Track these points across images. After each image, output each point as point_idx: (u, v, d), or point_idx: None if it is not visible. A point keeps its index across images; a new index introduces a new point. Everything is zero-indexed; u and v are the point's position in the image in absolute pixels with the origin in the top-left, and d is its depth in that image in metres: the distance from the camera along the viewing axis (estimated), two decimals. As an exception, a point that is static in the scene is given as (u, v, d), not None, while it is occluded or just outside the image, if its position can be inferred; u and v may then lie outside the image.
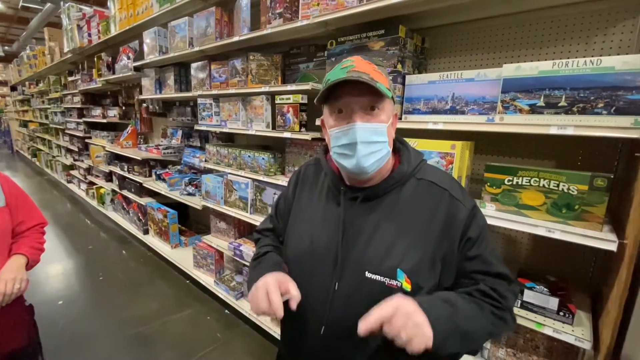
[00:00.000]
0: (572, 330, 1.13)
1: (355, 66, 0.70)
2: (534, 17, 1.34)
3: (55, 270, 3.28)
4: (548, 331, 1.16)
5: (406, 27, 1.45)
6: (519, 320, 1.20)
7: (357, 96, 0.70)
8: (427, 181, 0.78)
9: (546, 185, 1.12)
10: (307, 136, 1.75)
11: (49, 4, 7.63)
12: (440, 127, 1.31)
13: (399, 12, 1.43)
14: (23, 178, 7.69)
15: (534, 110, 1.12)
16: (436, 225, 0.74)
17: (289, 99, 1.82)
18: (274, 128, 2.01)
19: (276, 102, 1.88)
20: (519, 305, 1.24)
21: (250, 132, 2.12)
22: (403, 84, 1.46)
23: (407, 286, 0.70)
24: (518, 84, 1.13)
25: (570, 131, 1.02)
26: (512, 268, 1.45)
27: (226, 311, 2.63)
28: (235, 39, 2.05)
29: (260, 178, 2.15)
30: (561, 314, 1.17)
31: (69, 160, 6.06)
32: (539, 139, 1.37)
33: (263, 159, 2.13)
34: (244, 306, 2.43)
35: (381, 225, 0.75)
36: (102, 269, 3.33)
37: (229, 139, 2.92)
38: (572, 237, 1.07)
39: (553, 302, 1.18)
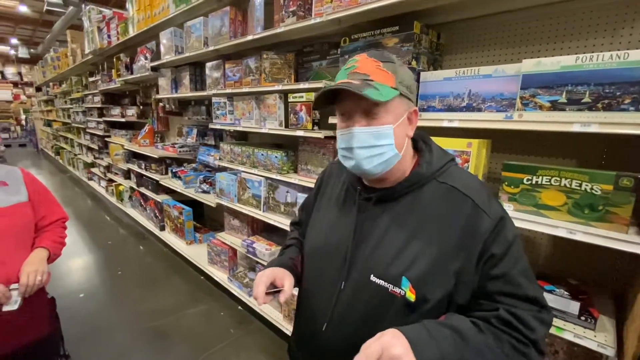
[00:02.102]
0: (595, 336, 1.09)
1: (358, 67, 0.69)
2: (555, 11, 1.29)
3: (76, 264, 3.41)
4: (568, 336, 1.11)
5: (421, 23, 1.42)
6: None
7: (356, 99, 0.68)
8: (449, 186, 0.71)
9: (567, 185, 1.08)
10: (320, 134, 1.74)
11: (71, 7, 7.90)
12: (455, 124, 1.28)
13: (414, 7, 1.40)
14: (47, 175, 8.00)
15: (555, 106, 1.08)
16: (452, 235, 0.67)
17: (301, 97, 1.82)
18: (286, 126, 2.02)
19: (289, 100, 1.88)
20: (537, 309, 1.20)
21: (263, 131, 2.13)
22: (418, 81, 1.43)
23: (411, 296, 0.67)
24: (538, 80, 1.09)
25: (594, 128, 0.98)
26: (531, 270, 1.41)
27: (239, 307, 2.67)
28: (249, 37, 2.06)
29: (273, 176, 2.16)
30: (582, 318, 1.12)
31: (89, 158, 6.26)
32: (559, 137, 1.32)
33: (276, 157, 2.14)
34: (256, 303, 2.45)
35: (392, 229, 0.72)
36: (120, 263, 3.43)
37: (242, 138, 2.95)
38: (595, 239, 1.02)
39: (574, 306, 1.14)
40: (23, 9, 10.27)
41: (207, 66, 2.64)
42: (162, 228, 3.82)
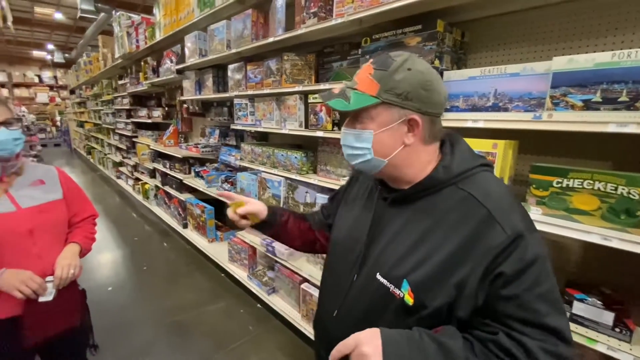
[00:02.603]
0: (630, 349, 1.02)
1: (357, 74, 0.76)
2: (587, 6, 1.22)
3: (105, 259, 3.57)
4: (601, 348, 1.06)
5: (444, 22, 1.39)
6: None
7: None
8: (467, 193, 0.68)
9: (602, 189, 1.02)
10: (340, 135, 1.74)
11: (102, 14, 8.30)
12: (480, 125, 1.24)
13: (437, 5, 1.38)
14: (79, 174, 8.43)
15: (588, 106, 1.02)
16: (458, 245, 0.64)
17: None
18: (306, 127, 2.03)
19: (309, 101, 1.89)
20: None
21: (283, 131, 2.15)
22: (440, 80, 1.40)
23: (409, 299, 0.67)
24: (570, 78, 1.04)
25: (632, 129, 0.92)
26: (559, 278, 1.35)
27: (258, 305, 2.70)
28: (270, 39, 2.09)
29: (293, 176, 2.18)
30: (617, 330, 1.06)
31: (118, 158, 6.54)
32: (592, 138, 1.25)
33: (295, 157, 2.16)
34: (275, 302, 2.48)
35: (403, 231, 0.73)
36: (146, 259, 3.56)
37: (263, 138, 2.99)
38: (632, 247, 0.96)
39: (607, 317, 1.08)
40: (58, 16, 10.87)
41: (229, 68, 2.70)
42: (185, 226, 3.93)
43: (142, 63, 4.46)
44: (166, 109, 4.67)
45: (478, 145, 1.25)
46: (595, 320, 1.10)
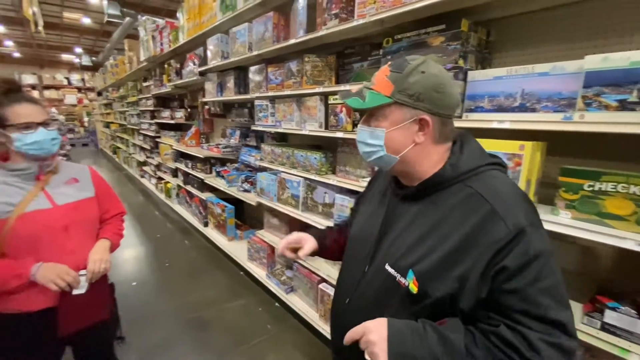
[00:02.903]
0: (668, 362, 0.98)
1: (375, 75, 0.80)
2: (617, 2, 1.17)
3: (130, 255, 3.70)
4: (635, 359, 1.01)
5: (469, 21, 1.37)
6: (598, 344, 1.07)
7: None
8: (473, 191, 0.70)
9: (637, 193, 0.98)
10: (360, 136, 1.74)
11: (127, 18, 8.63)
12: (506, 126, 1.21)
13: (462, 4, 1.36)
14: (106, 172, 8.78)
15: (624, 106, 0.98)
16: (461, 239, 0.67)
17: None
18: (326, 128, 2.04)
19: (329, 102, 1.90)
20: (598, 327, 1.10)
21: (303, 132, 2.17)
22: (465, 80, 1.38)
23: (414, 288, 0.72)
24: (604, 77, 1.00)
25: (671, 130, 0.88)
26: (589, 284, 1.30)
27: (276, 304, 2.74)
28: (292, 41, 2.11)
29: (312, 177, 2.19)
30: (653, 341, 1.01)
31: (142, 157, 6.77)
32: (627, 140, 1.19)
33: (315, 158, 2.17)
34: (293, 301, 2.51)
35: (411, 226, 0.78)
36: (168, 256, 3.67)
37: (282, 139, 3.02)
38: (670, 254, 0.92)
39: (643, 327, 1.03)
40: (86, 20, 11.40)
41: (251, 70, 2.75)
42: (206, 224, 4.02)
43: (166, 66, 4.60)
44: (188, 110, 4.80)
45: (503, 146, 1.22)
46: (629, 330, 1.05)
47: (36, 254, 1.11)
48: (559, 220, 1.12)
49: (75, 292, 1.15)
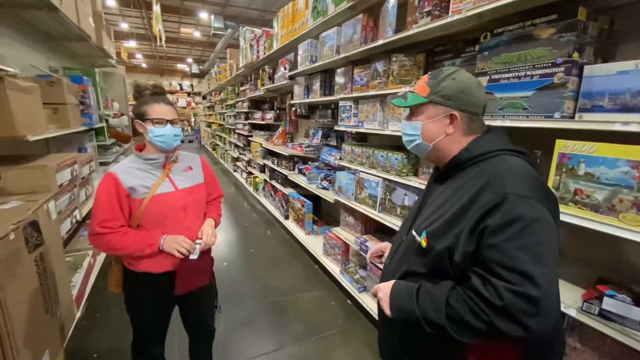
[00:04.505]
0: None
1: (418, 82, 1.02)
2: None
3: (222, 239, 4.20)
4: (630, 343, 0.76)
5: (587, 8, 1.20)
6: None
7: None
8: (479, 169, 0.87)
9: None
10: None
11: (229, 30, 9.77)
12: (633, 128, 1.03)
13: (581, -10, 1.19)
14: (205, 166, 10.06)
15: None
16: (461, 205, 0.84)
17: (429, 98, 1.77)
18: (410, 128, 1.99)
19: (416, 102, 1.86)
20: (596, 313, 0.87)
21: (386, 133, 2.17)
22: (579, 76, 1.21)
23: (424, 243, 0.91)
24: None
25: None
26: None
27: (348, 301, 2.79)
28: (380, 42, 2.13)
29: (392, 178, 2.18)
30: None
31: (236, 154, 7.58)
32: None
33: (396, 159, 2.15)
34: (366, 300, 2.52)
35: (435, 201, 0.97)
36: (253, 243, 4.05)
37: (362, 139, 3.06)
38: None
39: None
40: (197, 34, 13.24)
41: (337, 72, 2.85)
42: (287, 217, 4.31)
43: (261, 71, 5.06)
44: (277, 111, 5.20)
45: (627, 152, 1.04)
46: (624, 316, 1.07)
47: (162, 227, 1.38)
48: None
49: (191, 257, 1.39)
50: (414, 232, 0.98)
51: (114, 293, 1.49)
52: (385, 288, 0.95)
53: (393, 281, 0.96)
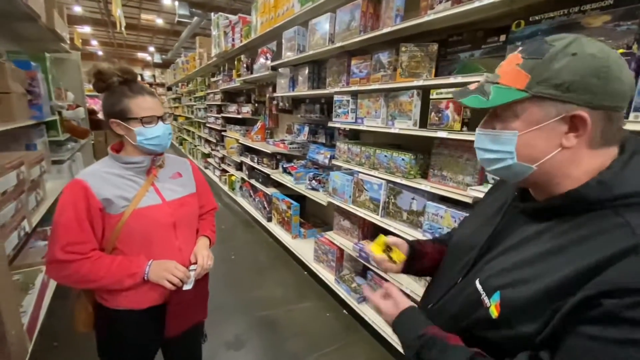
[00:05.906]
0: None
1: (500, 65, 0.64)
2: None
3: (198, 245, 3.82)
4: None
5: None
6: None
7: None
8: (624, 221, 0.50)
9: None
10: (469, 137, 1.50)
11: (195, 18, 9.13)
12: None
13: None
14: (172, 162, 9.41)
15: None
16: (573, 267, 0.51)
17: (449, 93, 1.60)
18: (422, 126, 1.81)
19: (432, 97, 1.67)
20: None
21: (392, 131, 1.97)
22: (637, 71, 1.08)
23: (494, 312, 0.59)
24: None
25: None
26: None
27: (344, 311, 2.59)
28: (385, 30, 1.92)
29: (397, 180, 1.99)
30: None
31: (207, 150, 7.09)
32: None
33: (402, 159, 1.96)
34: (366, 311, 2.34)
35: (522, 246, 0.62)
36: (233, 249, 3.73)
37: (354, 137, 2.85)
38: None
39: None
40: (159, 21, 12.32)
41: (328, 63, 2.60)
42: (269, 219, 4.02)
43: (236, 61, 4.67)
44: (255, 105, 4.85)
45: None
46: None
47: (147, 250, 1.08)
48: None
49: (185, 287, 1.10)
50: (478, 284, 0.65)
51: (82, 332, 1.16)
52: (390, 312, 0.78)
53: (391, 315, 0.76)
